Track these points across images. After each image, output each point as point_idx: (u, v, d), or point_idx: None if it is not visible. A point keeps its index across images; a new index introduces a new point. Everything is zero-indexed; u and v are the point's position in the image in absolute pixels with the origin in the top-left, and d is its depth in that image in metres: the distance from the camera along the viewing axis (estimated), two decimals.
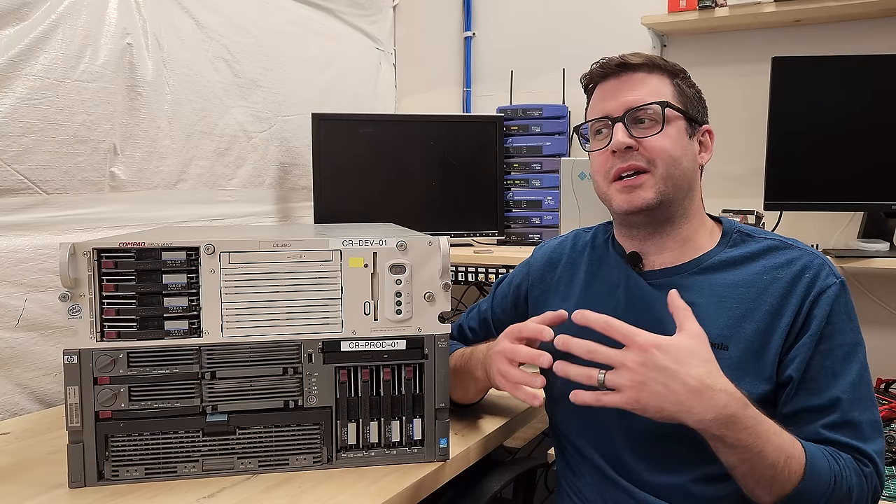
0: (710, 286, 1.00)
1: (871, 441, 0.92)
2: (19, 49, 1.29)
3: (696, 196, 1.06)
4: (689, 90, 1.06)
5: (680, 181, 1.01)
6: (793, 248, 1.00)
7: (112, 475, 0.97)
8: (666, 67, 1.05)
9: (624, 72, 1.03)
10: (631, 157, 1.00)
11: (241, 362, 1.00)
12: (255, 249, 0.99)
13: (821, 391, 0.93)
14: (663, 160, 0.99)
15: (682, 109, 1.03)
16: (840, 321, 0.95)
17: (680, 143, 1.01)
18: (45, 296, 1.34)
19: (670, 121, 1.01)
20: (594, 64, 1.07)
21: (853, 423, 0.92)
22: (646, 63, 1.03)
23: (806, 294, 0.95)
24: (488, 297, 1.30)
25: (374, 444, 1.04)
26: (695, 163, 1.04)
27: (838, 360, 0.94)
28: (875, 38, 1.85)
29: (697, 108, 1.06)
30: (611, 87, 1.04)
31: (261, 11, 1.92)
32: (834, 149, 1.73)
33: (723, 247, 1.03)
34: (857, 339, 0.97)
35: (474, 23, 2.42)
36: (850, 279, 1.88)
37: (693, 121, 1.04)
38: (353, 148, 1.98)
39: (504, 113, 2.13)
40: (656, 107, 1.00)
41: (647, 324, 0.99)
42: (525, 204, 2.10)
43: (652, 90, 1.02)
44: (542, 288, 1.18)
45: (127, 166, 1.54)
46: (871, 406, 0.95)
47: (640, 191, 1.00)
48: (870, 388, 0.96)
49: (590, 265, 1.13)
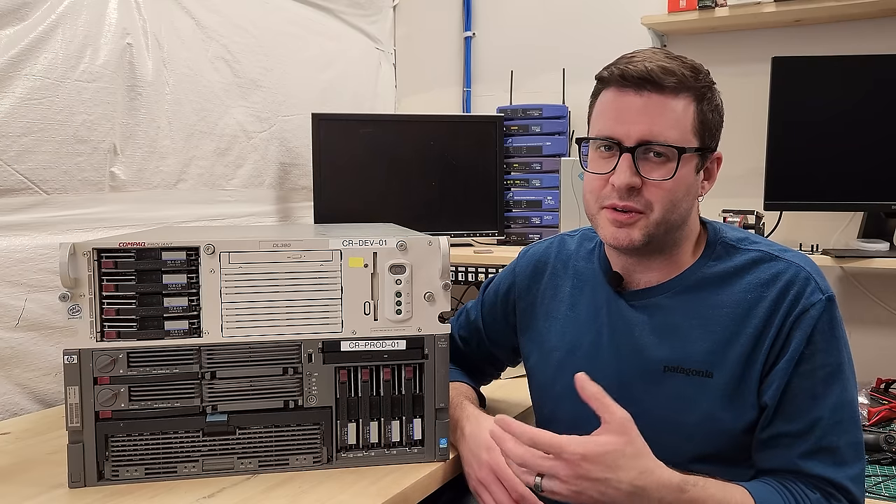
0: (693, 307, 0.96)
1: (848, 466, 0.89)
2: (19, 49, 1.29)
3: (692, 222, 0.99)
4: (712, 114, 0.95)
5: (674, 223, 0.95)
6: (779, 261, 0.94)
7: (112, 475, 0.97)
8: (695, 89, 0.92)
9: (646, 90, 0.91)
10: (630, 197, 0.92)
11: (241, 362, 1.00)
12: (255, 249, 0.99)
13: (799, 415, 0.90)
14: (662, 205, 0.92)
15: (698, 147, 0.93)
16: (822, 340, 0.90)
17: (685, 184, 0.93)
18: (45, 296, 1.34)
19: (684, 163, 0.92)
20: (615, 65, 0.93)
21: (831, 448, 0.89)
22: (674, 84, 0.90)
23: (788, 314, 0.90)
24: (476, 302, 1.27)
25: (374, 444, 1.04)
26: (694, 198, 0.97)
27: (819, 381, 0.90)
28: (875, 38, 1.85)
29: (714, 134, 0.96)
30: (628, 103, 0.92)
31: (261, 11, 1.92)
32: (834, 149, 1.73)
33: (706, 260, 0.98)
34: (842, 359, 0.91)
35: (474, 23, 2.42)
36: (850, 279, 1.88)
37: (707, 151, 0.95)
38: (353, 148, 1.98)
39: (504, 113, 2.13)
40: (674, 150, 0.91)
41: (629, 353, 0.99)
42: (525, 204, 2.10)
43: (673, 122, 0.91)
44: (528, 300, 1.16)
45: (127, 166, 1.54)
46: (853, 428, 0.91)
47: (630, 230, 0.93)
48: (853, 409, 0.91)
49: (574, 280, 1.10)
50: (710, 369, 0.93)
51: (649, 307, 0.99)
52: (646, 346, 0.98)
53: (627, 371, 0.99)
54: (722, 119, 0.98)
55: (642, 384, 0.98)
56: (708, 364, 0.93)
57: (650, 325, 0.98)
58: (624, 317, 1.01)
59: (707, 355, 0.94)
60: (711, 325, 0.94)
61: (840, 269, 1.86)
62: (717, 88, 0.96)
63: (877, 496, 1.25)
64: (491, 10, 2.39)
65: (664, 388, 0.96)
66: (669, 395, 0.96)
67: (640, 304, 1.00)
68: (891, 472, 1.33)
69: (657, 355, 0.97)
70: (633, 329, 1.00)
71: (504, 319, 1.21)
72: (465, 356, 1.26)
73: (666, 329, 0.97)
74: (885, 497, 1.24)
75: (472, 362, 1.27)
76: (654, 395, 0.97)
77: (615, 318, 1.02)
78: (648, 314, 0.99)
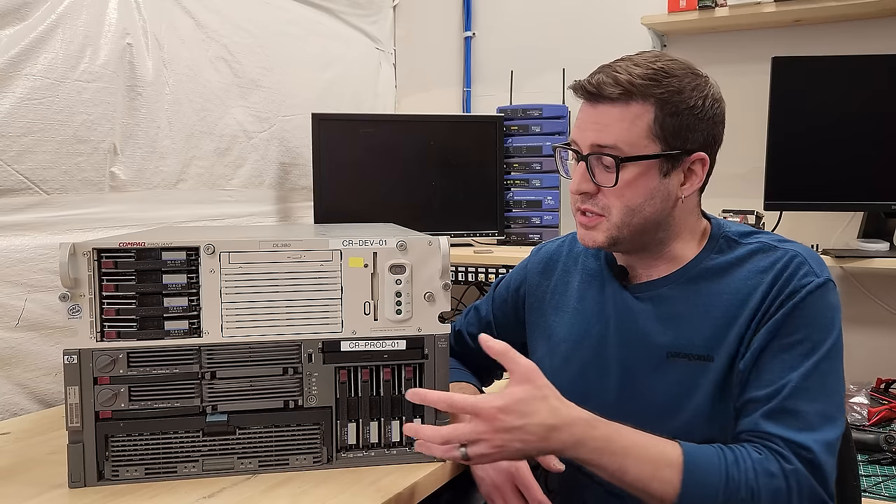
0: (696, 295, 0.98)
1: (814, 431, 0.87)
2: (19, 49, 1.29)
3: (678, 221, 1.00)
4: (678, 117, 0.94)
5: (641, 225, 0.97)
6: (777, 249, 0.96)
7: (112, 475, 0.97)
8: (652, 95, 0.93)
9: (598, 101, 0.95)
10: (588, 200, 0.98)
11: (241, 362, 1.00)
12: (255, 249, 0.99)
13: (770, 382, 0.90)
14: (617, 210, 0.96)
15: (654, 154, 0.94)
16: (807, 317, 0.90)
17: (643, 190, 0.95)
18: (45, 296, 1.34)
19: (631, 169, 0.94)
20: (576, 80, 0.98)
21: (794, 411, 0.88)
22: (624, 93, 0.93)
23: (779, 293, 0.92)
24: (486, 299, 1.28)
25: (374, 444, 1.04)
26: (668, 200, 0.97)
27: (797, 354, 0.90)
28: (875, 38, 1.85)
29: (686, 135, 0.95)
30: (585, 113, 0.98)
31: (261, 11, 1.92)
32: (834, 149, 1.73)
33: (708, 252, 1.00)
34: (827, 341, 0.91)
35: (474, 23, 2.42)
36: (850, 279, 1.88)
37: (674, 155, 0.95)
38: (353, 148, 1.98)
39: (504, 113, 2.13)
40: (612, 159, 0.94)
41: (634, 340, 1.01)
42: (525, 204, 2.10)
43: (620, 130, 0.94)
44: (538, 296, 1.17)
45: (127, 166, 1.54)
46: (824, 399, 0.89)
47: (593, 232, 0.99)
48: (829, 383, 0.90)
49: (583, 275, 1.12)
50: (710, 353, 0.95)
51: (653, 297, 1.01)
52: (650, 333, 0.99)
53: (632, 359, 1.01)
54: (708, 119, 0.97)
55: (647, 371, 0.99)
56: (709, 348, 0.95)
57: (654, 314, 1.00)
58: (629, 307, 1.03)
59: (708, 340, 0.95)
60: (713, 311, 0.96)
61: (840, 269, 1.86)
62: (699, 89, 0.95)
63: (877, 496, 1.25)
64: (491, 10, 2.39)
65: (668, 375, 0.97)
66: (672, 380, 0.97)
67: (645, 295, 1.02)
68: (891, 472, 1.33)
69: (661, 342, 0.98)
70: (637, 318, 1.01)
71: (514, 315, 1.22)
72: (473, 353, 1.26)
73: (669, 317, 0.99)
74: (885, 497, 1.24)
75: (480, 360, 1.27)
76: (658, 382, 0.98)
77: (621, 309, 1.04)
78: (653, 304, 1.01)
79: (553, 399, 0.87)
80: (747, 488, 0.84)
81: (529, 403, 0.86)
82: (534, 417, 0.85)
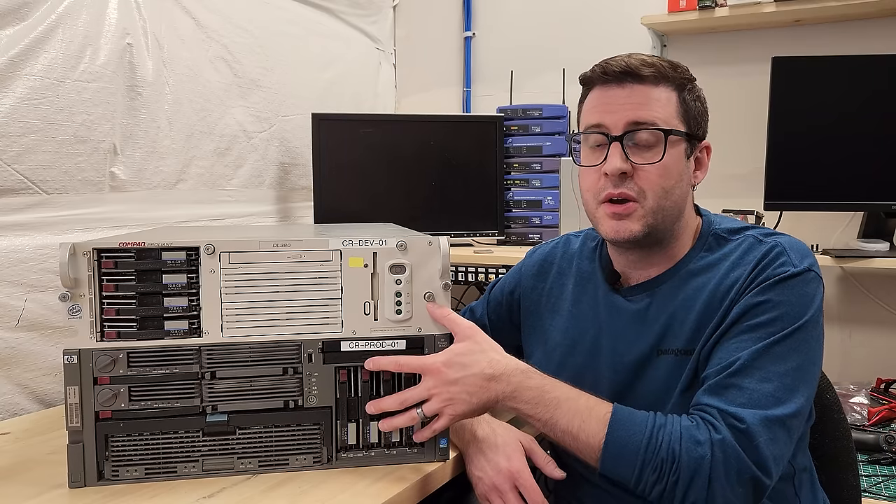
0: (683, 293, 0.99)
1: (755, 408, 0.84)
2: (19, 49, 1.29)
3: (687, 212, 1.02)
4: (694, 103, 0.99)
5: (670, 210, 0.97)
6: (763, 243, 0.96)
7: (112, 475, 0.97)
8: (674, 79, 0.97)
9: (628, 81, 0.96)
10: (623, 183, 0.96)
11: (241, 362, 1.00)
12: (255, 249, 0.99)
13: (719, 360, 0.90)
14: (654, 192, 0.95)
15: (684, 132, 0.97)
16: (775, 302, 0.89)
17: (676, 169, 0.97)
18: (45, 296, 1.34)
19: (671, 146, 0.95)
20: (596, 65, 0.99)
21: (737, 386, 0.86)
22: (653, 74, 0.95)
23: (751, 282, 0.92)
24: (481, 301, 1.28)
25: (374, 444, 1.04)
26: (688, 186, 1.00)
27: (755, 337, 0.89)
28: (875, 38, 1.85)
29: (700, 122, 1.00)
30: (612, 96, 0.97)
31: (261, 11, 1.92)
32: (834, 149, 1.73)
33: (697, 251, 1.01)
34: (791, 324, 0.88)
35: (474, 23, 2.42)
36: (850, 279, 1.88)
37: (694, 139, 0.99)
38: (353, 148, 1.98)
39: (504, 113, 2.13)
40: (660, 133, 0.95)
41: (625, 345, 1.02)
42: (525, 204, 2.10)
43: (657, 108, 0.95)
44: (533, 299, 1.17)
45: (127, 166, 1.54)
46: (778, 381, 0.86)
47: (628, 221, 0.96)
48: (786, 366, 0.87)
49: (578, 278, 1.12)
50: (692, 346, 0.95)
51: (644, 299, 1.02)
52: (641, 335, 1.00)
53: (623, 359, 1.01)
54: (706, 111, 1.02)
55: (637, 370, 1.00)
56: (692, 341, 0.96)
57: (644, 315, 1.01)
58: (620, 311, 1.04)
59: (692, 333, 0.96)
60: (697, 305, 0.97)
61: (840, 269, 1.86)
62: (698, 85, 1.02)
63: (877, 496, 1.25)
64: (491, 10, 2.39)
65: (656, 371, 0.99)
66: (660, 377, 0.98)
67: (636, 297, 1.03)
68: (891, 472, 1.33)
69: (651, 342, 0.99)
70: (629, 322, 1.02)
71: (508, 318, 1.22)
72: None
73: (659, 316, 1.00)
74: (885, 497, 1.24)
75: None
76: (646, 379, 0.99)
77: (612, 312, 1.05)
78: (644, 305, 1.02)
79: (492, 352, 0.96)
80: (668, 450, 0.85)
81: (469, 356, 0.95)
82: (474, 368, 0.93)
